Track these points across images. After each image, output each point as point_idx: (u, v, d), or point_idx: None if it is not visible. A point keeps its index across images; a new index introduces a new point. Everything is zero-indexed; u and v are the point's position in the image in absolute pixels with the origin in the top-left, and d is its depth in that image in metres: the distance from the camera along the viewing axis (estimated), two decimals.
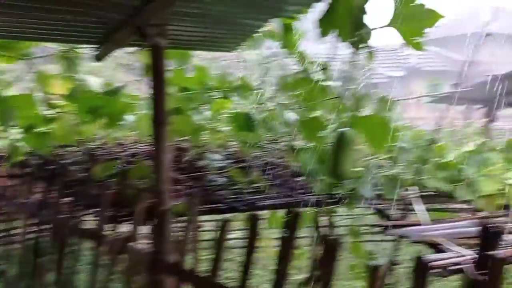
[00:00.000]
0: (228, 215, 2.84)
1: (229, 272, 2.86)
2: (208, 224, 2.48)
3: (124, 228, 2.28)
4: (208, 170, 2.81)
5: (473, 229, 2.22)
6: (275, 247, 1.68)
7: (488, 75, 11.09)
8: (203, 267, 1.95)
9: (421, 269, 1.19)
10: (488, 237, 1.98)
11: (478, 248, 2.03)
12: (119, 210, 2.30)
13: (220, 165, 2.85)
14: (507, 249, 2.22)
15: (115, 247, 2.02)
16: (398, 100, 3.14)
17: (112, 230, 2.24)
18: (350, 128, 2.12)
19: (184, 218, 2.14)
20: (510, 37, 31.34)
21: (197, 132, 3.08)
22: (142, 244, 2.05)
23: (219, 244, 1.69)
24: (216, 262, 1.69)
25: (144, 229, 2.15)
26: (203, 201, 2.61)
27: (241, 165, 2.99)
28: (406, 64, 30.81)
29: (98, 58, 2.74)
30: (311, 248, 2.55)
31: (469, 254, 2.14)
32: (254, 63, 2.84)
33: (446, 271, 2.08)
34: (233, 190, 2.76)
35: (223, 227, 1.68)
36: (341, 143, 2.04)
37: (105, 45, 2.66)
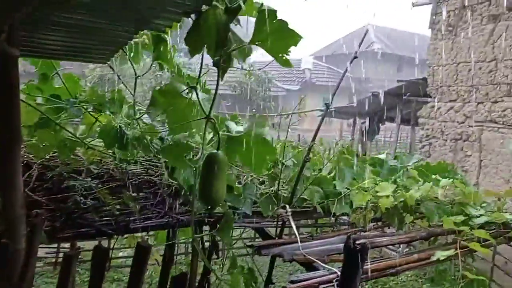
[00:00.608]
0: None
1: None
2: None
3: None
4: (76, 191, 2.57)
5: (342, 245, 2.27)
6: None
7: (373, 92, 11.96)
8: None
9: None
10: (352, 253, 2.04)
11: (342, 265, 2.08)
12: None
13: (90, 184, 2.62)
14: (373, 264, 2.31)
15: None
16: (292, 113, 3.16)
17: None
18: (221, 149, 2.06)
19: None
20: (394, 56, 34.37)
21: (65, 148, 2.83)
22: None
23: (61, 281, 1.51)
24: None
25: None
26: (67, 225, 2.39)
27: (114, 184, 2.79)
28: (302, 79, 32.33)
29: None
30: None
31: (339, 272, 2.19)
32: (131, 75, 2.68)
33: None
34: (104, 212, 2.55)
35: (67, 263, 1.50)
36: (210, 166, 1.96)
37: None
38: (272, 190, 2.91)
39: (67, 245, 6.03)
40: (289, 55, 1.80)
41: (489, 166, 7.01)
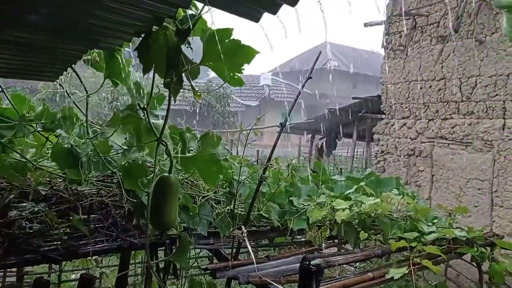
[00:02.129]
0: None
1: None
2: None
3: None
4: (22, 214, 2.45)
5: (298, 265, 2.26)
6: None
7: (329, 108, 12.20)
8: None
9: None
10: (307, 274, 2.03)
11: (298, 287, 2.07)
12: None
13: (37, 207, 2.50)
14: (328, 284, 2.31)
15: None
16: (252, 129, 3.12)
17: None
18: (171, 172, 2.01)
19: None
20: (350, 73, 35.29)
21: (12, 169, 2.70)
22: None
23: None
24: None
25: None
26: (10, 252, 2.27)
27: (63, 206, 2.68)
28: (261, 95, 32.62)
29: None
30: None
31: None
32: (83, 93, 2.59)
33: None
34: (51, 237, 2.43)
35: None
36: (161, 190, 1.91)
37: None
38: (228, 209, 2.88)
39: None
40: (242, 73, 1.80)
41: (440, 181, 7.26)
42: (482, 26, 6.52)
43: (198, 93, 1.98)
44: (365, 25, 8.52)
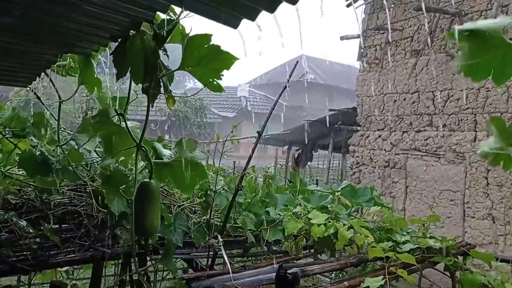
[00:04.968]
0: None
1: None
2: None
3: None
4: None
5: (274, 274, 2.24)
6: None
7: (306, 120, 12.29)
8: None
9: None
10: (283, 283, 2.02)
11: None
12: None
13: (5, 216, 2.42)
14: None
15: None
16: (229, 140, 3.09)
17: None
18: (151, 178, 1.98)
19: None
20: (326, 86, 35.70)
21: None
22: None
23: None
24: None
25: None
26: None
27: (34, 215, 2.60)
28: (238, 106, 32.65)
29: None
30: None
31: None
32: (56, 99, 2.53)
33: None
34: (21, 247, 2.35)
35: None
36: (142, 196, 1.88)
37: None
38: (204, 219, 2.84)
39: None
40: (221, 79, 1.78)
41: (414, 192, 7.37)
42: (453, 40, 6.69)
43: (173, 100, 1.94)
44: (341, 38, 8.65)
